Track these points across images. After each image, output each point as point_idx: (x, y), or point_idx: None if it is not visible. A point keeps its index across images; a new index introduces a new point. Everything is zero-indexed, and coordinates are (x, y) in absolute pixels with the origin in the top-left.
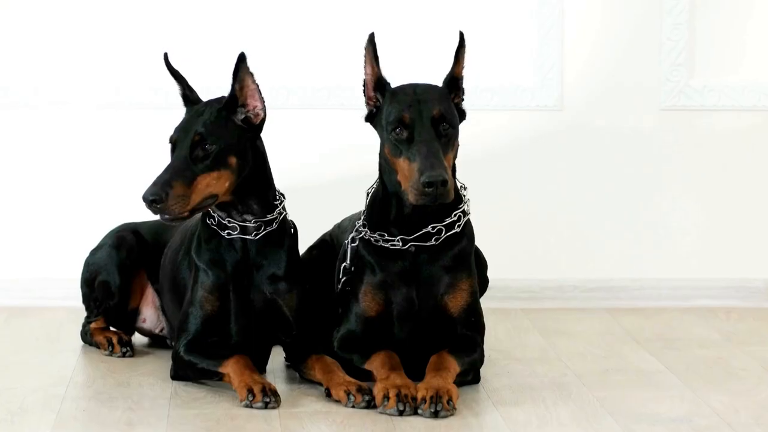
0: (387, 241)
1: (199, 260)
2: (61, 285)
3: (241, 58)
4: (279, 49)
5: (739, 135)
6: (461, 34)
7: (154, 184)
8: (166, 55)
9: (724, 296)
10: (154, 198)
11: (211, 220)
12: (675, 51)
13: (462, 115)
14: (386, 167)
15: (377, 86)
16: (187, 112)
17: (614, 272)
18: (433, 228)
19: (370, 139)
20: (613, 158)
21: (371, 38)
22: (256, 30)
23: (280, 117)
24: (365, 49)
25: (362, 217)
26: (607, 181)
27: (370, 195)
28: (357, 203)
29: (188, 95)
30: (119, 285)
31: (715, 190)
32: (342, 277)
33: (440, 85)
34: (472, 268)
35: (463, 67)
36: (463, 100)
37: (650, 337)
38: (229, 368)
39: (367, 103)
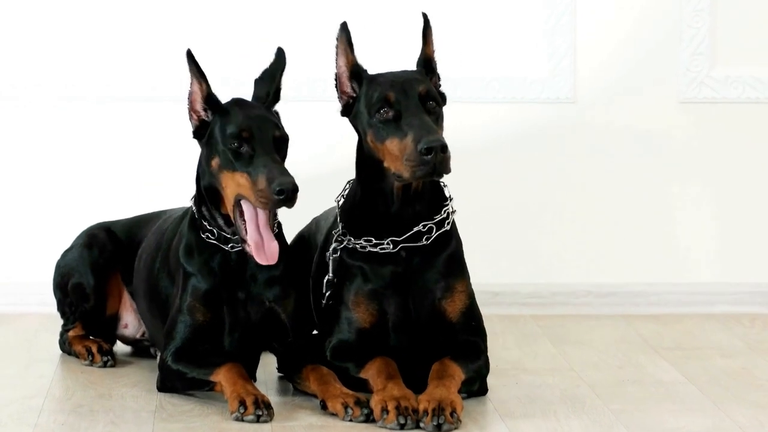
0: (376, 245)
1: (190, 266)
2: (37, 290)
3: (282, 52)
4: (270, 37)
5: (764, 130)
6: (425, 15)
7: (283, 174)
8: (189, 51)
9: (747, 302)
10: (295, 187)
11: (207, 234)
12: (696, 39)
13: (443, 98)
14: (369, 160)
15: (353, 75)
16: (239, 109)
17: (630, 276)
18: (424, 226)
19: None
20: (628, 154)
21: (344, 27)
22: (248, 20)
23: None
24: (338, 39)
25: (339, 227)
26: (623, 178)
27: (342, 202)
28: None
29: (212, 95)
30: (94, 286)
31: (739, 189)
32: (326, 292)
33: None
34: (465, 270)
35: (433, 50)
36: (440, 84)
37: (669, 345)
38: (221, 376)
39: (341, 97)
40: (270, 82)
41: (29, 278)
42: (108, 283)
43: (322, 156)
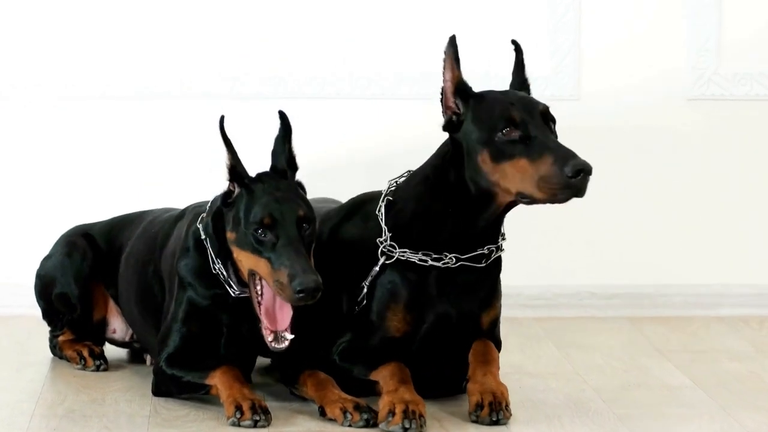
0: (437, 259)
1: (189, 278)
2: (29, 292)
3: (285, 116)
4: (270, 35)
5: None
6: (515, 43)
7: (307, 271)
8: (222, 120)
9: (756, 304)
10: (317, 287)
11: (217, 271)
12: (702, 35)
13: None
14: (467, 178)
15: (458, 91)
16: (263, 190)
17: (636, 278)
18: (488, 249)
19: (362, 130)
20: (634, 153)
21: (452, 41)
22: (248, 19)
23: (270, 107)
24: (445, 53)
25: (386, 237)
26: (628, 178)
27: (394, 206)
28: (349, 194)
29: (236, 169)
30: (78, 296)
31: (747, 188)
32: (361, 300)
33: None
34: (500, 285)
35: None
36: None
37: (676, 348)
38: (217, 379)
39: (445, 112)
40: (281, 152)
41: (20, 280)
42: (92, 291)
43: (322, 153)
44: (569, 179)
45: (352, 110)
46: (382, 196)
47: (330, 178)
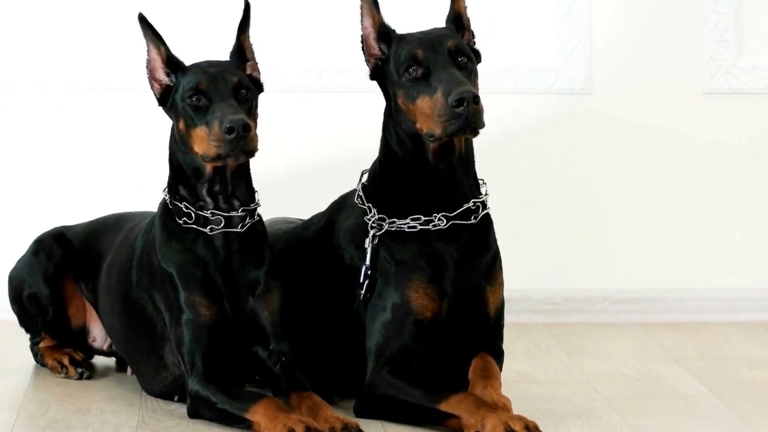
0: (427, 222)
1: (173, 262)
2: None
3: (249, 7)
4: (269, 34)
5: None
6: None
7: (236, 112)
8: (141, 15)
9: None
10: (245, 123)
11: (185, 218)
12: (720, 25)
13: (477, 55)
14: (401, 126)
15: (381, 36)
16: (200, 65)
17: (650, 281)
18: (474, 204)
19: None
20: (647, 149)
21: None
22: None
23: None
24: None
25: (372, 213)
26: (641, 175)
27: (367, 187)
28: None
29: (172, 58)
30: (48, 295)
31: (766, 187)
32: (363, 281)
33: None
34: (500, 259)
35: (464, 5)
36: (474, 41)
37: (691, 355)
38: (260, 415)
39: (369, 60)
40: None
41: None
42: (63, 291)
43: (321, 149)
44: (454, 109)
45: (351, 105)
46: (358, 183)
47: (329, 173)
